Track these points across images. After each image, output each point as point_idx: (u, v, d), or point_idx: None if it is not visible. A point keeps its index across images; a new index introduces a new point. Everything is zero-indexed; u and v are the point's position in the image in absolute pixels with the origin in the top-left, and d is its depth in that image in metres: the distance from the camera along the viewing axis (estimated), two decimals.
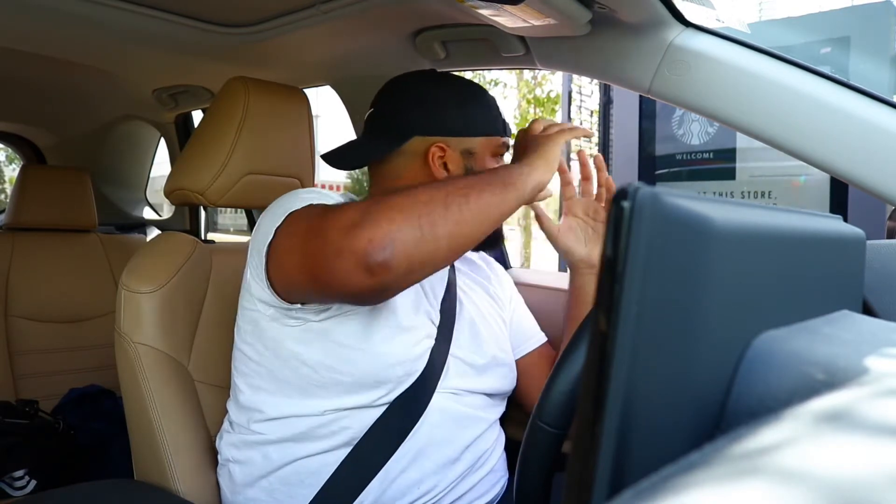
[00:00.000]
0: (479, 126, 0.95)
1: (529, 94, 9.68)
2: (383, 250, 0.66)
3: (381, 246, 0.66)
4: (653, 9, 0.91)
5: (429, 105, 0.94)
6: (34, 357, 1.89)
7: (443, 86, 0.97)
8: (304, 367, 0.84)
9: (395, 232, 0.66)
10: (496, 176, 0.77)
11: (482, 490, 0.93)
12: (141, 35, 1.32)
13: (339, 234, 0.68)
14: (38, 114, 2.31)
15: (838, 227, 0.47)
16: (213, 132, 1.09)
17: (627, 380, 0.25)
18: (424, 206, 0.69)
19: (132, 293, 0.99)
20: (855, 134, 0.82)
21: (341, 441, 0.85)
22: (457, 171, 0.94)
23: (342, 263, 0.67)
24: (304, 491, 0.85)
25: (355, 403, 0.84)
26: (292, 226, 0.77)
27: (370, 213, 0.68)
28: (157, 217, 2.64)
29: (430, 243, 0.68)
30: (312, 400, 0.85)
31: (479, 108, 0.96)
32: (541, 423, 0.57)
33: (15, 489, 1.47)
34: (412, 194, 0.70)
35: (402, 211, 0.68)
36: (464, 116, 0.94)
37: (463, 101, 0.95)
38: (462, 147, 0.94)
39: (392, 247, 0.66)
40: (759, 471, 0.17)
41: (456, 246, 0.72)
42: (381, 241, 0.66)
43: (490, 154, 0.96)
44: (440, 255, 0.70)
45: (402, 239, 0.67)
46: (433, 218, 0.69)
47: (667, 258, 0.27)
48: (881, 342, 0.35)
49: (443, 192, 0.71)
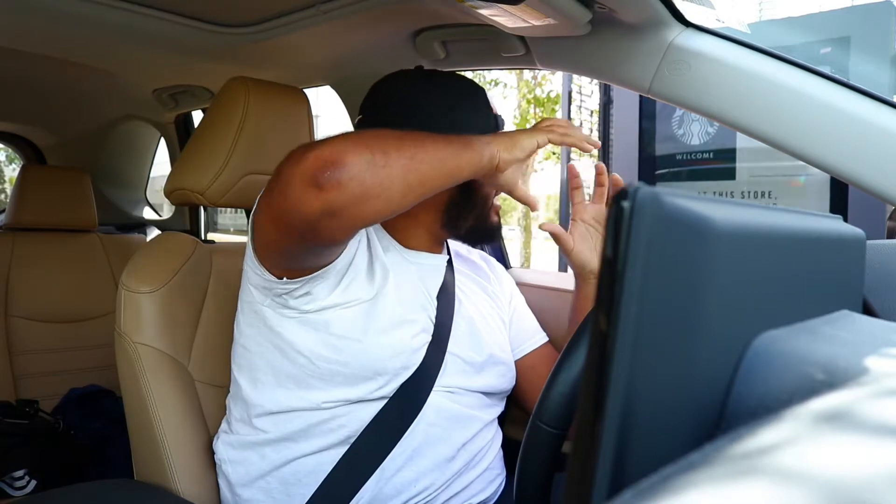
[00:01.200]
0: (470, 126, 0.93)
1: (529, 94, 9.68)
2: (333, 164, 0.67)
3: (329, 160, 0.67)
4: (653, 9, 0.91)
5: (417, 110, 0.92)
6: (34, 357, 1.89)
7: (429, 89, 0.94)
8: (301, 357, 0.84)
9: (343, 152, 0.67)
10: (457, 136, 0.79)
11: (478, 488, 0.93)
12: (141, 35, 1.32)
13: (291, 164, 0.69)
14: (38, 114, 2.31)
15: (838, 227, 0.47)
16: (213, 132, 1.09)
17: (627, 380, 0.25)
18: (376, 138, 0.70)
19: (132, 293, 0.99)
20: (855, 134, 0.82)
21: (338, 439, 0.85)
22: None
23: (294, 187, 0.68)
24: (302, 490, 0.85)
25: (352, 396, 0.84)
26: (263, 192, 0.78)
27: (319, 141, 0.69)
28: (157, 217, 2.64)
29: (381, 170, 0.69)
30: (310, 392, 0.85)
31: (469, 109, 0.94)
32: (541, 423, 0.57)
33: (15, 489, 1.47)
34: (365, 131, 0.72)
35: (353, 138, 0.70)
36: (454, 119, 0.92)
37: (451, 105, 0.93)
38: None
39: (341, 163, 0.67)
40: (759, 471, 0.17)
41: (410, 182, 0.72)
42: (329, 156, 0.67)
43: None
44: (394, 188, 0.70)
45: (352, 160, 0.67)
46: (386, 148, 0.70)
47: (667, 258, 0.27)
48: (881, 342, 0.35)
49: (398, 133, 0.73)
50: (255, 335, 0.88)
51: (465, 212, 0.96)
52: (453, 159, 0.76)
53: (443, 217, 0.96)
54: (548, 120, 0.91)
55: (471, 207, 0.96)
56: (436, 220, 0.97)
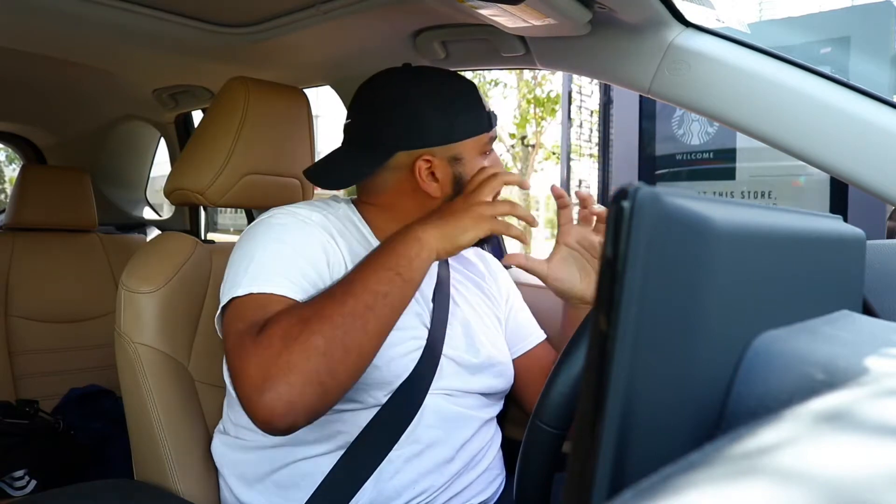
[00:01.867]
0: (463, 129, 0.90)
1: (529, 94, 9.69)
2: (285, 416, 0.68)
3: (282, 414, 0.68)
4: (653, 9, 0.91)
5: (409, 116, 0.89)
6: (34, 357, 1.89)
7: (420, 89, 0.91)
8: None
9: (296, 398, 0.68)
10: (380, 257, 0.78)
11: (478, 489, 0.93)
12: (141, 35, 1.32)
13: (249, 392, 0.69)
14: (38, 114, 2.31)
15: (838, 227, 0.47)
16: (213, 132, 1.09)
17: (627, 380, 0.25)
18: (323, 358, 0.69)
19: (132, 293, 0.99)
20: (855, 134, 0.82)
21: (335, 443, 0.85)
22: (445, 179, 0.91)
23: (253, 415, 0.69)
24: (299, 493, 0.85)
25: (347, 406, 0.84)
26: (230, 323, 0.78)
27: (270, 377, 0.68)
28: (157, 217, 2.64)
29: (333, 391, 0.71)
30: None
31: (462, 108, 0.91)
32: (541, 423, 0.57)
33: (15, 489, 1.47)
34: (309, 344, 0.69)
35: (301, 372, 0.68)
36: (446, 123, 0.89)
37: (443, 104, 0.90)
38: (448, 154, 0.90)
39: (294, 412, 0.68)
40: (759, 471, 0.17)
41: (359, 371, 0.74)
42: (283, 411, 0.68)
43: (478, 153, 0.92)
44: (344, 390, 0.73)
45: (304, 403, 0.68)
46: (332, 366, 0.70)
47: (667, 258, 0.27)
48: (881, 342, 0.35)
49: (340, 330, 0.71)
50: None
51: None
52: (396, 312, 0.76)
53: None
54: (482, 188, 0.86)
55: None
56: None
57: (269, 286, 0.78)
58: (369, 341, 0.73)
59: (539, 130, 9.94)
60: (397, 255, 0.78)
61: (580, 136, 4.37)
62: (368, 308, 0.73)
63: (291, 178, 1.17)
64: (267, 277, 0.79)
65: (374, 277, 0.75)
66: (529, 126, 9.95)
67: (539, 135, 10.00)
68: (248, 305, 0.78)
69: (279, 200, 1.14)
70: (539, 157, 10.33)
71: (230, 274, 0.83)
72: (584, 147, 4.42)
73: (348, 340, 0.71)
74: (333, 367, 0.70)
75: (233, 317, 0.78)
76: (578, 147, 4.40)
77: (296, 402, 0.68)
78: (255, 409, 0.68)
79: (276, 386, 0.68)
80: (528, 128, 9.98)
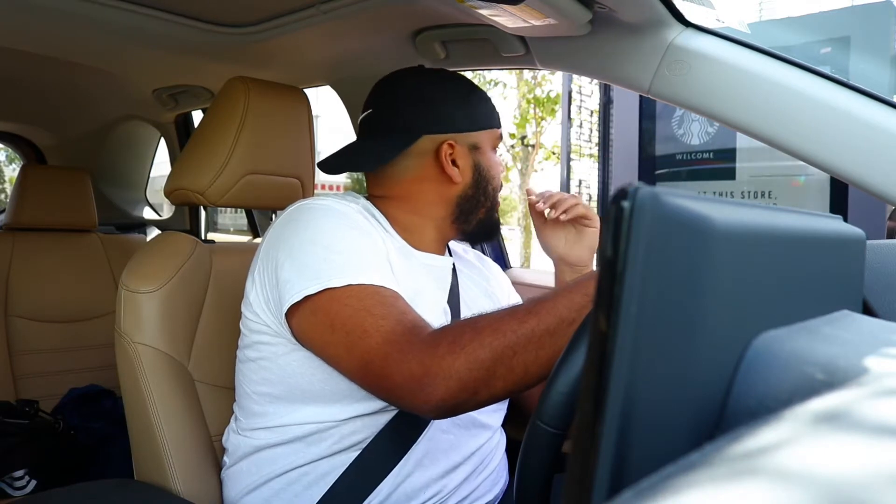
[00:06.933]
0: (481, 119, 0.96)
1: (529, 93, 9.69)
2: (434, 412, 0.69)
3: (431, 409, 0.69)
4: (653, 9, 0.91)
5: (433, 103, 0.94)
6: (34, 357, 1.89)
7: (439, 82, 0.97)
8: (316, 380, 0.83)
9: (449, 399, 0.68)
10: (582, 297, 0.68)
11: (484, 490, 0.94)
12: (141, 35, 1.32)
13: (404, 382, 0.69)
14: (38, 114, 2.31)
15: (838, 227, 0.47)
16: (213, 132, 1.09)
17: (627, 380, 0.25)
18: (485, 373, 0.67)
19: (132, 293, 0.99)
20: (855, 134, 0.82)
21: (349, 445, 0.84)
22: (466, 166, 0.94)
23: (401, 402, 0.71)
24: (310, 494, 0.85)
25: (369, 409, 0.83)
26: (333, 316, 0.75)
27: (431, 374, 0.67)
28: (157, 217, 2.64)
29: (485, 400, 0.70)
30: (326, 407, 0.83)
31: (479, 101, 0.97)
32: (541, 423, 0.56)
33: (15, 489, 1.47)
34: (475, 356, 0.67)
35: (461, 380, 0.67)
36: (467, 111, 0.95)
37: (463, 95, 0.96)
38: (469, 142, 0.95)
39: (442, 409, 0.69)
40: (759, 471, 0.17)
41: (516, 391, 0.70)
42: (432, 408, 0.68)
43: (491, 146, 0.98)
44: (494, 402, 0.71)
45: (455, 404, 0.68)
46: (492, 382, 0.68)
47: (667, 258, 0.27)
48: (881, 342, 0.35)
49: (511, 350, 0.67)
50: (261, 355, 0.87)
51: (477, 204, 0.97)
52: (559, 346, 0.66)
53: (455, 210, 0.96)
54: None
55: (483, 200, 0.97)
56: (447, 216, 0.96)
57: (364, 277, 0.77)
58: (538, 369, 0.67)
59: (539, 130, 9.94)
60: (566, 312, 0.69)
61: (580, 136, 4.37)
62: (549, 333, 0.66)
63: (292, 178, 1.17)
64: (357, 268, 0.77)
65: (565, 301, 0.68)
66: (529, 126, 9.95)
67: (539, 135, 10.00)
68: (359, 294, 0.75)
69: (279, 200, 1.14)
70: (539, 157, 10.33)
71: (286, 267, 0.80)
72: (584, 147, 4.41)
73: (516, 362, 0.67)
74: (493, 382, 0.67)
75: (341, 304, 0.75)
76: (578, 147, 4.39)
77: (447, 401, 0.68)
78: (407, 399, 0.70)
79: (435, 385, 0.67)
80: (528, 128, 9.98)
